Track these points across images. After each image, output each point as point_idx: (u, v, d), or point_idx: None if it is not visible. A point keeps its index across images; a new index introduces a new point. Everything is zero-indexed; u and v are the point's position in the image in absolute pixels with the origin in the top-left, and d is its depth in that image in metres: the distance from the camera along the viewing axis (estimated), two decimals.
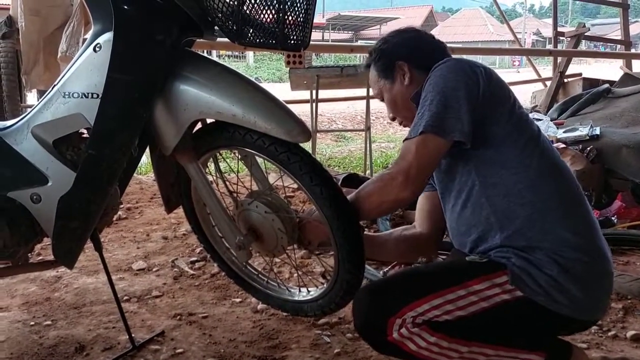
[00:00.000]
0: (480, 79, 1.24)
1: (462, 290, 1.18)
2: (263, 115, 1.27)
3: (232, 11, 1.23)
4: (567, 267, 1.18)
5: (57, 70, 3.22)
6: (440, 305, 1.18)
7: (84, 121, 1.31)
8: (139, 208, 3.20)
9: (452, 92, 1.22)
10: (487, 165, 1.25)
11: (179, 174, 1.58)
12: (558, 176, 1.27)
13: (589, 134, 3.16)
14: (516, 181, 1.23)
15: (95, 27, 1.29)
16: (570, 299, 1.18)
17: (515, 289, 1.18)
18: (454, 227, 1.36)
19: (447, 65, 1.28)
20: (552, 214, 1.21)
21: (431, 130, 1.21)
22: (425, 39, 1.44)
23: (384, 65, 1.42)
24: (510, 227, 1.23)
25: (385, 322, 1.18)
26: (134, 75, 1.26)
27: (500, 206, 1.24)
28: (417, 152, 1.22)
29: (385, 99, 1.45)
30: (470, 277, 1.20)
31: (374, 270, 2.17)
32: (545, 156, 1.27)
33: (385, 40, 1.45)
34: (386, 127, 8.94)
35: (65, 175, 1.36)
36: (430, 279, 1.25)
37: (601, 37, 10.70)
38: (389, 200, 1.26)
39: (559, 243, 1.19)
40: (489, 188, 1.25)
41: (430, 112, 1.22)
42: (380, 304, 1.21)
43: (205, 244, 1.74)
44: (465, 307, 1.18)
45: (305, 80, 3.90)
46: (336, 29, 30.23)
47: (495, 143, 1.25)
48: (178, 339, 1.73)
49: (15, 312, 1.91)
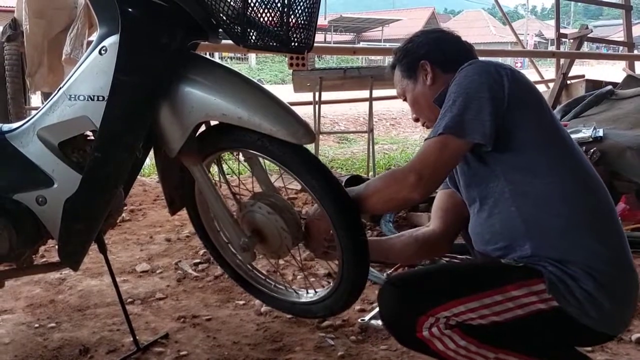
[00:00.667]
0: (505, 81, 1.21)
1: (499, 296, 1.15)
2: (268, 117, 1.27)
3: (236, 14, 1.23)
4: (602, 282, 1.14)
5: (61, 72, 3.23)
6: (477, 309, 1.15)
7: (89, 123, 1.32)
8: (142, 210, 3.21)
9: (475, 94, 1.20)
10: (517, 172, 1.21)
11: (183, 176, 1.58)
12: (592, 187, 1.23)
13: (593, 135, 3.15)
14: (549, 191, 1.19)
15: (101, 30, 1.29)
16: (601, 314, 1.15)
17: (551, 299, 1.14)
18: (478, 233, 1.32)
19: (472, 67, 1.25)
20: (585, 228, 1.18)
21: (450, 132, 1.18)
22: (451, 39, 1.42)
23: (407, 65, 1.40)
24: (542, 238, 1.19)
25: (416, 319, 1.16)
26: (140, 77, 1.26)
27: (531, 216, 1.20)
28: (434, 153, 1.20)
29: (408, 99, 1.43)
30: (507, 281, 1.16)
31: (378, 273, 2.17)
32: (579, 165, 1.24)
33: (410, 40, 1.43)
34: (389, 129, 8.95)
35: (71, 177, 1.36)
36: (466, 280, 1.22)
37: (604, 39, 10.70)
38: (398, 198, 1.24)
39: (593, 257, 1.15)
40: (519, 197, 1.21)
41: (452, 113, 1.20)
42: (412, 301, 1.19)
43: (212, 251, 1.75)
44: (500, 313, 1.15)
45: (308, 82, 3.91)
46: (338, 30, 30.23)
47: (526, 149, 1.21)
48: (182, 342, 1.73)
49: (20, 315, 1.91)
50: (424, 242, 1.49)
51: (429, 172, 1.20)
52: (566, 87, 5.11)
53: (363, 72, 3.88)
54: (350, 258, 1.34)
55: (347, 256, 1.34)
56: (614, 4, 7.25)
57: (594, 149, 3.04)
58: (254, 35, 1.27)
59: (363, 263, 1.35)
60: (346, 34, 31.84)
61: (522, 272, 1.17)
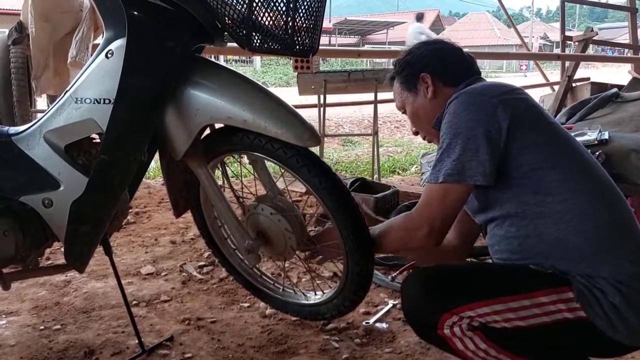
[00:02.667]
0: (499, 110, 1.18)
1: (527, 301, 1.13)
2: (273, 120, 1.28)
3: (242, 18, 1.24)
4: (628, 296, 1.11)
5: (67, 75, 3.24)
6: (502, 312, 1.14)
7: (95, 126, 1.33)
8: (147, 212, 3.21)
9: (468, 133, 1.18)
10: (530, 194, 1.19)
11: (188, 179, 1.59)
12: (608, 198, 1.20)
13: (598, 138, 3.14)
14: (565, 209, 1.16)
15: (107, 33, 1.30)
16: (628, 328, 1.12)
17: (579, 308, 1.12)
18: (496, 250, 1.29)
19: (459, 101, 1.22)
20: (607, 242, 1.15)
21: (452, 180, 1.19)
22: (452, 51, 1.38)
23: (407, 77, 1.38)
24: (563, 256, 1.16)
25: (439, 316, 1.15)
26: (147, 80, 1.27)
27: (550, 235, 1.17)
28: (439, 204, 1.21)
29: (407, 112, 1.41)
30: (537, 287, 1.14)
31: (382, 276, 2.17)
32: (592, 177, 1.21)
33: (410, 52, 1.40)
34: (393, 132, 8.94)
35: (77, 179, 1.37)
36: (495, 281, 1.20)
37: (609, 42, 10.64)
38: (413, 246, 1.29)
39: (617, 272, 1.13)
40: (535, 217, 1.19)
41: (450, 159, 1.19)
42: (437, 297, 1.18)
43: (219, 258, 1.76)
44: (526, 318, 1.14)
45: (312, 85, 3.91)
46: (343, 33, 30.25)
47: (534, 171, 1.18)
48: (187, 344, 1.73)
49: (25, 316, 1.92)
50: (440, 251, 1.47)
51: (439, 222, 1.22)
52: (571, 89, 5.10)
53: (367, 75, 3.88)
54: (355, 255, 1.35)
55: (352, 254, 1.35)
56: (620, 6, 7.23)
57: (599, 151, 3.03)
58: (259, 39, 1.28)
59: (368, 260, 1.36)
60: (351, 37, 31.86)
61: (552, 279, 1.15)
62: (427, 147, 6.10)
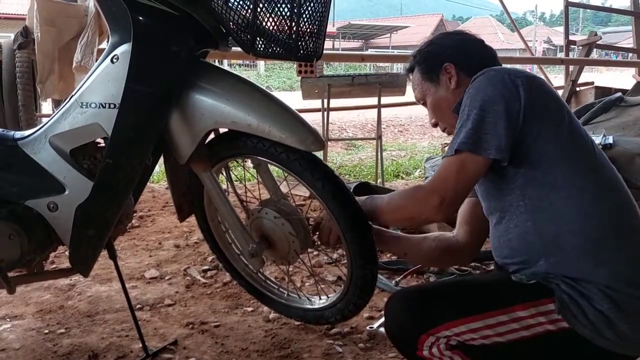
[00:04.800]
0: (521, 90, 1.16)
1: (504, 316, 1.10)
2: (277, 124, 1.28)
3: (246, 23, 1.25)
4: (620, 303, 1.08)
5: (72, 79, 3.25)
6: (479, 330, 1.11)
7: (101, 131, 1.33)
8: (151, 216, 3.22)
9: (489, 106, 1.15)
10: (534, 186, 1.16)
11: (192, 183, 1.59)
12: (615, 200, 1.17)
13: (602, 142, 3.13)
14: (568, 206, 1.14)
15: (113, 38, 1.31)
16: (618, 336, 1.08)
17: (561, 320, 1.09)
18: (496, 247, 1.28)
19: (485, 77, 1.20)
20: (606, 245, 1.12)
21: (467, 148, 1.15)
22: (475, 42, 1.36)
23: (429, 68, 1.35)
24: (559, 255, 1.14)
25: (417, 337, 1.13)
26: (152, 85, 1.28)
27: (548, 232, 1.15)
28: (454, 175, 1.17)
29: (428, 103, 1.37)
30: (515, 301, 1.11)
31: (386, 280, 2.17)
32: (601, 177, 1.17)
33: (431, 42, 1.38)
34: (397, 136, 8.95)
35: (82, 184, 1.38)
36: (472, 298, 1.17)
37: (613, 46, 10.63)
38: (419, 218, 1.25)
39: (612, 277, 1.09)
40: (536, 212, 1.16)
41: (467, 129, 1.16)
42: (414, 317, 1.15)
43: (224, 263, 1.77)
44: (504, 334, 1.11)
45: (316, 90, 3.92)
46: (346, 37, 30.32)
47: (543, 161, 1.15)
48: (190, 348, 1.73)
49: (30, 320, 1.92)
50: (447, 249, 1.46)
51: (451, 194, 1.17)
52: (575, 94, 5.10)
53: (371, 79, 3.89)
54: (359, 259, 1.35)
55: (356, 258, 1.36)
56: (623, 10, 7.23)
57: None
58: (263, 44, 1.28)
59: (372, 263, 1.37)
60: (354, 41, 31.93)
61: (532, 291, 1.13)
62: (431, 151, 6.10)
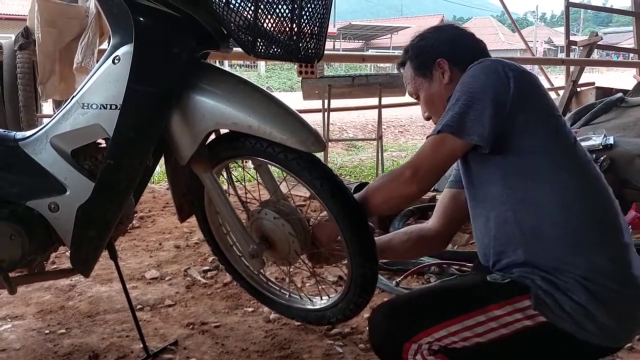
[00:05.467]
0: (511, 82, 1.18)
1: (481, 316, 1.12)
2: (278, 125, 1.29)
3: (247, 24, 1.25)
4: (596, 294, 1.10)
5: (73, 80, 3.26)
6: (458, 332, 1.13)
7: (102, 132, 1.34)
8: (151, 217, 3.22)
9: (479, 94, 1.18)
10: (516, 177, 1.19)
11: (192, 184, 1.60)
12: (596, 195, 1.19)
13: (603, 143, 3.14)
14: (549, 198, 1.16)
15: (114, 40, 1.31)
16: (599, 327, 1.10)
17: (538, 315, 1.11)
18: (479, 237, 1.31)
19: (480, 66, 1.23)
20: (584, 237, 1.14)
21: (449, 130, 1.18)
22: (467, 36, 1.38)
23: (422, 63, 1.36)
24: (536, 245, 1.16)
25: (401, 346, 1.14)
26: (154, 86, 1.28)
27: (528, 223, 1.17)
28: (432, 150, 1.20)
29: (421, 97, 1.39)
30: (490, 301, 1.14)
31: (386, 281, 2.17)
32: (582, 172, 1.19)
33: (423, 37, 1.39)
34: (397, 136, 8.95)
35: (83, 184, 1.38)
36: (448, 302, 1.20)
37: (614, 46, 10.63)
38: (396, 195, 1.25)
39: (589, 268, 1.11)
40: (517, 203, 1.18)
41: (453, 112, 1.19)
42: (396, 327, 1.17)
43: (225, 265, 1.77)
44: (483, 334, 1.12)
45: (317, 90, 3.93)
46: (347, 38, 30.31)
47: (527, 153, 1.18)
48: (190, 348, 1.73)
49: (30, 320, 1.92)
50: (419, 238, 1.48)
51: (425, 167, 1.20)
52: (576, 94, 5.10)
53: (371, 80, 3.90)
54: (359, 258, 1.36)
55: (356, 257, 1.36)
56: (624, 11, 7.23)
57: (604, 156, 3.03)
58: (264, 45, 1.29)
59: (372, 262, 1.37)
60: (355, 42, 31.92)
61: (507, 290, 1.15)
62: None
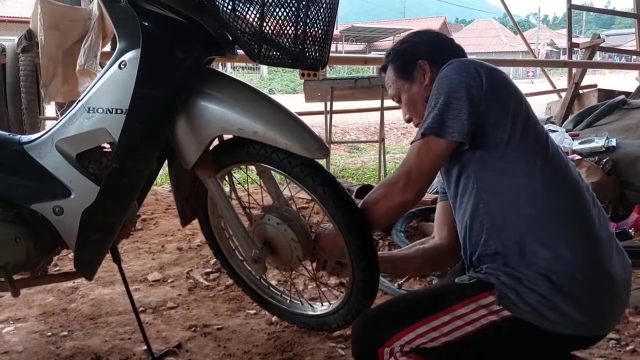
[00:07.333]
0: (483, 79, 1.22)
1: (446, 316, 1.17)
2: (283, 132, 1.29)
3: (253, 31, 1.26)
4: (559, 284, 1.13)
5: (75, 82, 3.27)
6: (425, 333, 1.17)
7: (107, 136, 1.34)
8: (154, 219, 3.23)
9: (454, 92, 1.22)
10: (487, 171, 1.23)
11: (195, 188, 1.60)
12: (563, 189, 1.22)
13: (605, 145, 3.13)
14: (517, 191, 1.20)
15: (121, 44, 1.32)
16: (563, 317, 1.13)
17: (502, 309, 1.15)
18: (459, 230, 1.35)
19: (451, 67, 1.27)
20: (550, 229, 1.17)
21: (432, 132, 1.21)
22: (445, 40, 1.43)
23: (403, 65, 1.40)
24: (506, 236, 1.20)
25: (376, 352, 1.18)
26: (160, 91, 1.29)
27: (497, 214, 1.22)
28: (418, 155, 1.24)
29: (403, 99, 1.43)
30: (455, 300, 1.18)
31: (389, 283, 2.17)
32: (552, 167, 1.23)
33: (404, 41, 1.44)
34: (400, 138, 8.93)
35: (88, 188, 1.38)
36: (417, 305, 1.24)
37: (616, 48, 10.64)
38: (394, 205, 1.28)
39: (553, 259, 1.15)
40: (487, 195, 1.23)
41: (433, 114, 1.22)
42: (370, 334, 1.22)
43: (227, 269, 1.78)
44: (449, 332, 1.16)
45: (319, 92, 3.93)
46: (349, 40, 30.30)
47: (498, 149, 1.21)
48: (193, 351, 1.73)
49: (33, 323, 1.93)
50: (431, 255, 1.50)
51: (416, 173, 1.24)
52: (578, 96, 5.10)
53: (374, 82, 3.89)
54: (361, 263, 1.36)
55: (357, 262, 1.36)
56: (627, 13, 7.23)
57: (607, 158, 3.02)
58: (270, 52, 1.29)
59: (373, 268, 1.37)
60: (357, 44, 31.90)
61: (472, 289, 1.19)
62: None
